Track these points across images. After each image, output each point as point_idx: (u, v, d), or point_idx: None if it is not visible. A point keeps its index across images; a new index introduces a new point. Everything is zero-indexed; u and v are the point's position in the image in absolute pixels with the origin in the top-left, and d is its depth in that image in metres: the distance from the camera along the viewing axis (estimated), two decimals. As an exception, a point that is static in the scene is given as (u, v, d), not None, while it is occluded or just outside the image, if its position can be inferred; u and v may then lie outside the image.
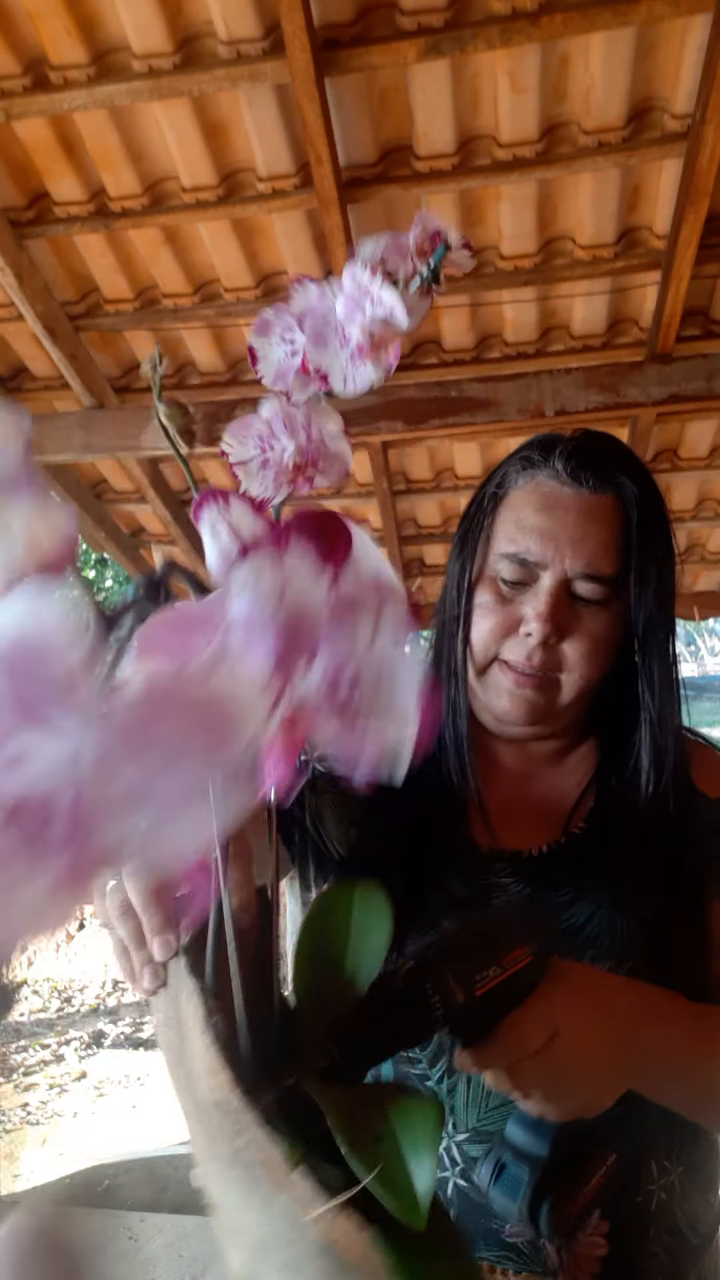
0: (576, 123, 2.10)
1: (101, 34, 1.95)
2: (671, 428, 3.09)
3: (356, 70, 1.95)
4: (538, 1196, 0.64)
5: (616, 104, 2.03)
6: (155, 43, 1.92)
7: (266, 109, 2.06)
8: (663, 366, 2.50)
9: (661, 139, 2.07)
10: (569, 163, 2.13)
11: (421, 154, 2.16)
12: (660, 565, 0.81)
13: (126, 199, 2.28)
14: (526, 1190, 0.64)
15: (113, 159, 2.20)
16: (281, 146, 2.15)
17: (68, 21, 1.90)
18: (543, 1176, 0.64)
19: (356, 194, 2.22)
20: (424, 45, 1.88)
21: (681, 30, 1.90)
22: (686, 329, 2.55)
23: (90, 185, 2.30)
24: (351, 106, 2.07)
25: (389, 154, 2.19)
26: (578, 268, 2.41)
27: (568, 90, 2.04)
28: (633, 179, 2.23)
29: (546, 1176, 0.64)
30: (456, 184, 2.19)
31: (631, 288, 2.51)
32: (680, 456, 3.22)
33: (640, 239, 2.36)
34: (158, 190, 2.29)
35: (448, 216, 2.32)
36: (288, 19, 1.79)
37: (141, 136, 2.18)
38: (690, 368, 2.49)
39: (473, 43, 1.87)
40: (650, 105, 2.06)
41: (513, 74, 1.97)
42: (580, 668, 0.81)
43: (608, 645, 0.82)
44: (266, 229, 2.40)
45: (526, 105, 2.04)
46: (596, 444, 0.84)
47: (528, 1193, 0.64)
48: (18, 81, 2.01)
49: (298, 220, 2.34)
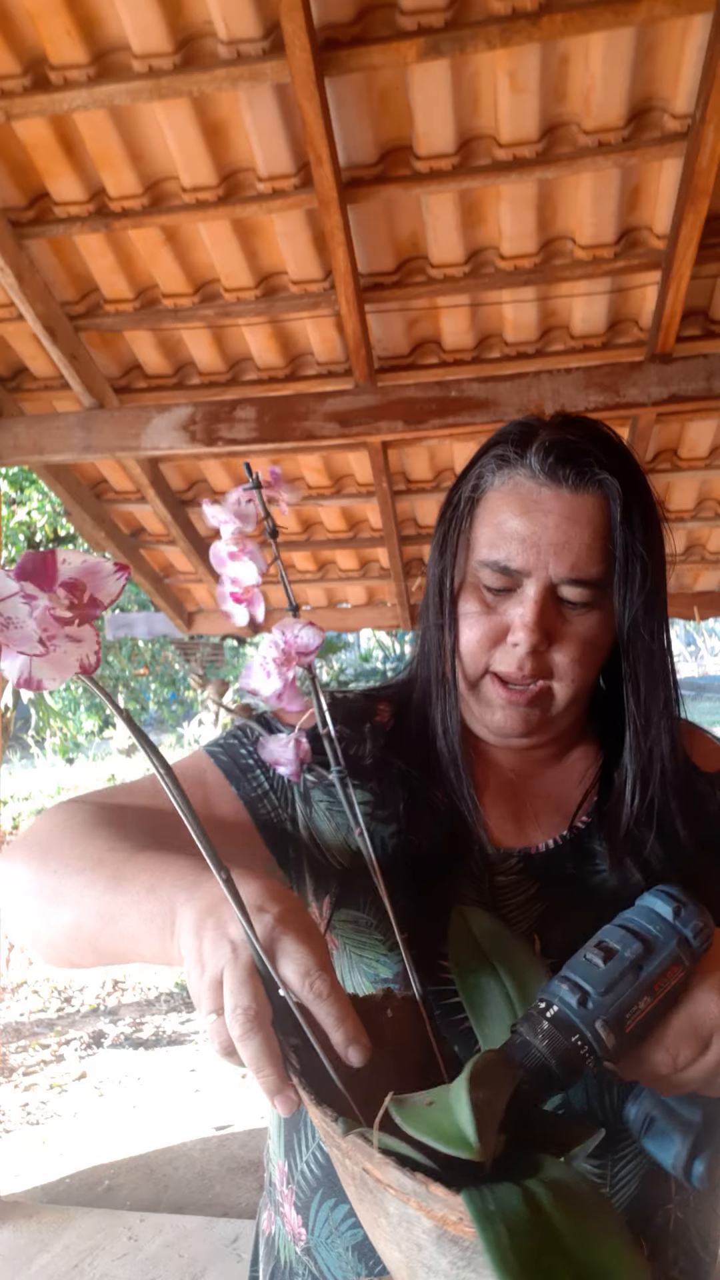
0: (576, 123, 2.10)
1: (101, 34, 1.95)
2: (671, 428, 3.09)
3: (356, 70, 1.95)
4: (691, 1155, 0.64)
5: (616, 104, 2.03)
6: (155, 43, 1.92)
7: (266, 109, 2.06)
8: (663, 366, 2.50)
9: (661, 139, 2.07)
10: (569, 163, 2.13)
11: (421, 154, 2.16)
12: (645, 562, 0.77)
13: (126, 199, 2.28)
14: (680, 1150, 0.64)
15: (113, 159, 2.20)
16: (281, 146, 2.15)
17: (68, 21, 1.90)
18: (697, 1138, 0.64)
19: (356, 194, 2.22)
20: (424, 45, 1.88)
21: (681, 30, 1.90)
22: (686, 329, 2.55)
23: (90, 185, 2.30)
24: (351, 106, 2.07)
25: (389, 154, 2.19)
26: (578, 268, 2.41)
27: (568, 90, 2.04)
28: (633, 179, 2.23)
29: (700, 1137, 0.65)
30: (456, 184, 2.19)
31: (631, 288, 2.51)
32: (680, 456, 3.22)
33: (640, 239, 2.36)
34: (158, 190, 2.29)
35: (448, 216, 2.32)
36: (288, 19, 1.79)
37: (141, 136, 2.18)
38: (690, 368, 2.49)
39: (473, 43, 1.87)
40: (650, 105, 2.06)
41: (513, 74, 1.97)
42: (572, 673, 0.79)
43: (599, 647, 0.80)
44: (266, 229, 2.40)
45: (526, 105, 2.04)
46: (576, 435, 0.79)
47: (681, 1152, 0.64)
48: (18, 81, 2.01)
49: (298, 220, 2.34)
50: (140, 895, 0.65)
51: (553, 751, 0.88)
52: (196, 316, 2.61)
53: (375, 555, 3.93)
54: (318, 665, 0.66)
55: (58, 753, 11.26)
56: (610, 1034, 0.57)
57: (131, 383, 2.91)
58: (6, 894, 0.76)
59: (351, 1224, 0.75)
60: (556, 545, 0.76)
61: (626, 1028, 0.58)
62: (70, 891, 0.70)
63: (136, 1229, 2.72)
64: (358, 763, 0.86)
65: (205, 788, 0.84)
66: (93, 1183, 3.17)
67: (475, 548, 0.81)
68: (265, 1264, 0.87)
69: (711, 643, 16.89)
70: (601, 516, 0.77)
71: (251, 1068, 0.55)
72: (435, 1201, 0.46)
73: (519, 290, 2.52)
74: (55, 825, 0.77)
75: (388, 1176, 0.48)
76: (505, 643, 0.79)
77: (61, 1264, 2.54)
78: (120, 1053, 4.38)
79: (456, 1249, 0.46)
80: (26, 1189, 3.14)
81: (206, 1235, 2.69)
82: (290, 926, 0.58)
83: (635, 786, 0.81)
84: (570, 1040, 0.57)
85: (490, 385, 2.58)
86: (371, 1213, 0.50)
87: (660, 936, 0.60)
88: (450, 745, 0.84)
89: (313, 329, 2.68)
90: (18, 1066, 4.20)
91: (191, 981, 0.58)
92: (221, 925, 0.58)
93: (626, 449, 0.82)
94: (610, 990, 0.58)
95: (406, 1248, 0.48)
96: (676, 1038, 0.60)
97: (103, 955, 0.70)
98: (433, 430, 2.63)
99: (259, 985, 0.55)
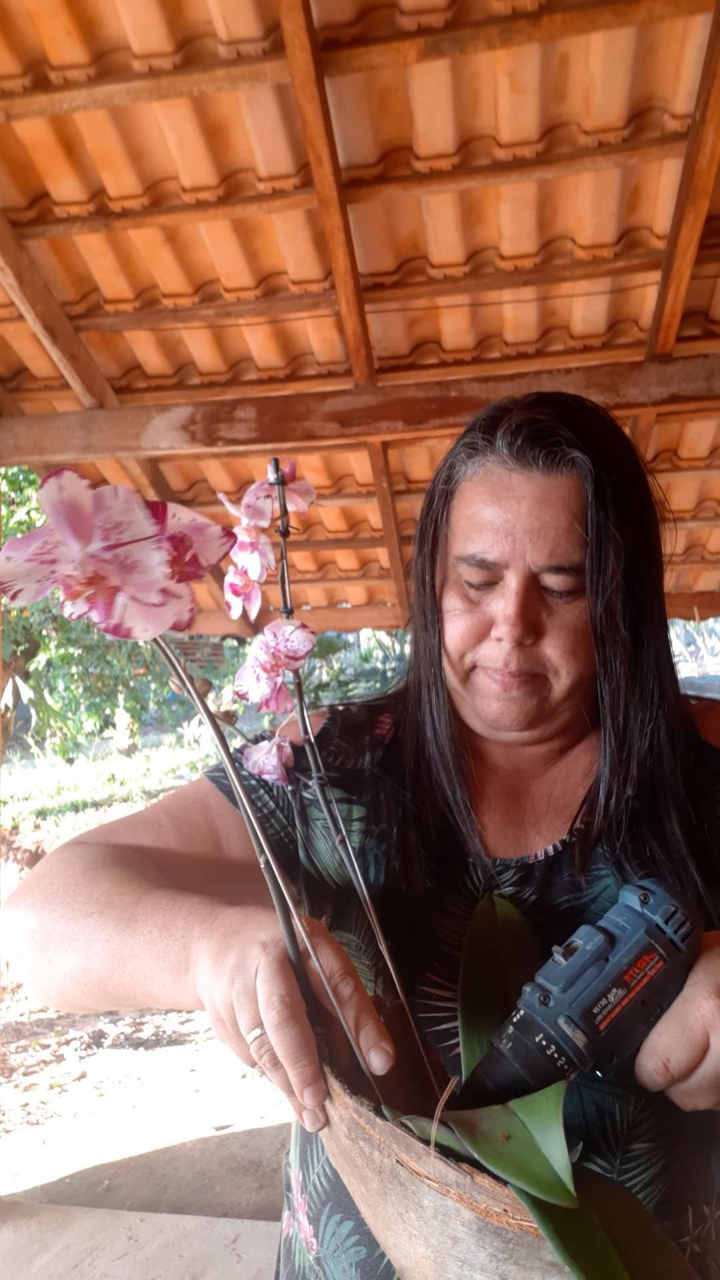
0: (576, 123, 2.10)
1: (101, 34, 1.95)
2: (671, 428, 3.09)
3: (356, 70, 1.95)
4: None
5: (616, 104, 2.03)
6: (155, 43, 1.92)
7: (266, 109, 2.06)
8: (663, 366, 2.50)
9: (661, 139, 2.07)
10: (569, 163, 2.13)
11: (421, 154, 2.16)
12: (621, 544, 0.72)
13: (126, 199, 2.28)
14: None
15: (113, 159, 2.20)
16: (281, 146, 2.14)
17: (68, 21, 1.90)
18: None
19: (356, 194, 2.22)
20: (424, 45, 1.88)
21: (681, 30, 1.90)
22: (686, 329, 2.55)
23: (90, 185, 2.30)
24: (351, 106, 2.07)
25: (389, 154, 2.19)
26: (578, 268, 2.40)
27: (568, 90, 2.04)
28: (633, 179, 2.23)
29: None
30: (456, 184, 2.19)
31: (631, 288, 2.51)
32: (680, 456, 3.22)
33: (640, 239, 2.36)
34: (158, 190, 2.29)
35: (448, 216, 2.32)
36: (288, 19, 1.79)
37: (141, 136, 2.18)
38: (690, 368, 2.49)
39: (473, 43, 1.87)
40: (650, 105, 2.06)
41: (513, 74, 1.97)
42: (566, 665, 0.74)
43: (591, 635, 0.75)
44: (266, 229, 2.40)
45: (526, 105, 2.04)
46: (547, 413, 0.73)
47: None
48: (18, 81, 2.01)
49: (298, 220, 2.34)
50: (153, 934, 0.64)
51: (554, 747, 0.84)
52: (196, 316, 2.61)
53: (375, 555, 3.93)
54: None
55: (58, 753, 11.26)
56: (578, 1032, 0.54)
57: (131, 383, 2.91)
58: (12, 943, 0.75)
59: (355, 1241, 0.74)
60: (532, 532, 0.72)
61: (599, 1024, 0.54)
62: (78, 936, 0.69)
63: (136, 1229, 2.72)
64: (355, 778, 0.84)
65: (209, 812, 0.83)
66: (93, 1183, 3.17)
67: (453, 543, 0.77)
68: (284, 1264, 0.86)
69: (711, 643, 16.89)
70: (577, 497, 0.72)
71: (287, 1058, 0.54)
72: (480, 1193, 0.46)
73: (519, 290, 2.52)
74: (59, 869, 0.76)
75: (427, 1167, 0.47)
76: (490, 638, 0.75)
77: (61, 1264, 2.54)
78: (120, 1053, 4.38)
79: (498, 1241, 0.46)
80: (26, 1189, 3.14)
81: (206, 1235, 2.69)
82: (320, 934, 0.58)
83: (611, 789, 0.77)
84: (535, 1040, 0.54)
85: (490, 385, 2.58)
86: (398, 1208, 0.50)
87: (626, 927, 0.57)
88: (443, 750, 0.81)
89: (313, 329, 2.68)
90: (18, 1066, 4.20)
91: (221, 1002, 0.57)
92: (248, 939, 0.58)
93: (610, 425, 0.77)
94: (571, 985, 0.55)
95: (439, 1241, 0.47)
96: (666, 1039, 0.56)
97: (113, 999, 0.69)
98: (433, 430, 2.63)
99: (294, 977, 0.55)
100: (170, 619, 0.46)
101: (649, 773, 0.78)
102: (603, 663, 0.75)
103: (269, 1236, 2.59)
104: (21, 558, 0.43)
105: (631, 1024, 0.55)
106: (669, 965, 0.56)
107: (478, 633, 0.76)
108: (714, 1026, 0.56)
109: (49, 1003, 0.75)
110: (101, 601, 0.44)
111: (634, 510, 0.74)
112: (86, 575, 0.43)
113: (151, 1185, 3.14)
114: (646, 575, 0.76)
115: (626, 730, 0.77)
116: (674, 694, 0.79)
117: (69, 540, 0.43)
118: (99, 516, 0.43)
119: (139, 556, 0.44)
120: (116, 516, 0.43)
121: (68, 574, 0.43)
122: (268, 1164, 3.23)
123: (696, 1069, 0.56)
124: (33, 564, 0.43)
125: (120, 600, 0.44)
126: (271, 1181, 3.11)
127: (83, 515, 0.43)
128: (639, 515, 0.75)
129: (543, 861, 0.79)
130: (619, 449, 0.75)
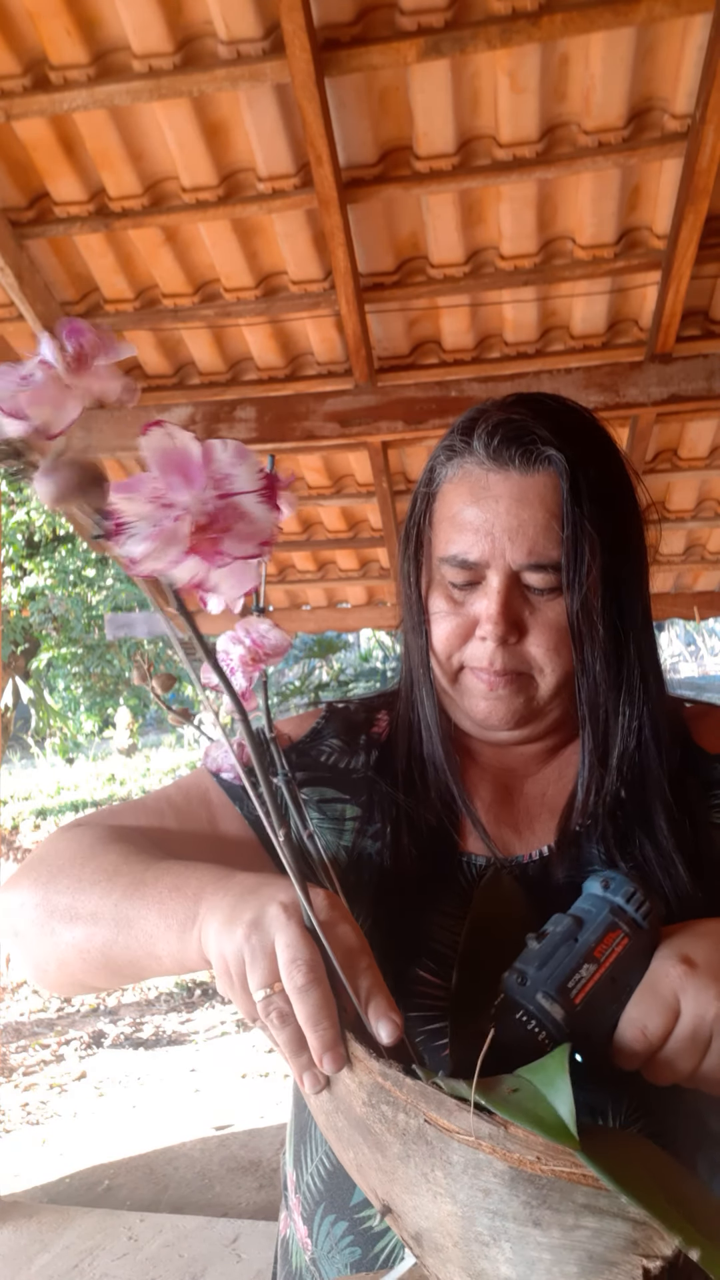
0: (576, 123, 2.10)
1: (101, 34, 1.95)
2: (671, 428, 3.09)
3: (356, 70, 1.95)
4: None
5: (616, 104, 2.03)
6: (155, 43, 1.92)
7: (266, 109, 2.06)
8: (663, 366, 2.50)
9: (661, 139, 2.07)
10: (569, 163, 2.13)
11: (421, 154, 2.16)
12: (596, 541, 0.72)
13: (126, 199, 2.28)
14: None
15: (113, 159, 2.20)
16: (281, 146, 2.15)
17: (68, 21, 1.90)
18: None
19: (356, 194, 2.22)
20: (424, 45, 1.88)
21: (681, 30, 1.90)
22: (686, 329, 2.55)
23: (90, 185, 2.30)
24: (351, 106, 2.07)
25: (389, 154, 2.19)
26: (578, 268, 2.41)
27: (568, 90, 2.04)
28: (633, 179, 2.23)
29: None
30: (456, 184, 2.19)
31: (631, 288, 2.51)
32: (680, 456, 3.22)
33: (640, 239, 2.36)
34: (158, 190, 2.29)
35: (448, 216, 2.32)
36: (288, 19, 1.79)
37: (141, 136, 2.18)
38: (690, 368, 2.49)
39: (473, 43, 1.87)
40: (650, 105, 2.06)
41: (513, 74, 1.97)
42: (550, 663, 0.75)
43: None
44: (266, 229, 2.40)
45: (526, 105, 2.04)
46: (523, 413, 0.74)
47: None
48: (18, 81, 2.01)
49: (298, 220, 2.34)
50: (163, 895, 0.65)
51: (545, 747, 0.84)
52: (196, 316, 2.61)
53: (375, 555, 3.94)
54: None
55: (58, 753, 11.27)
56: (555, 1005, 0.57)
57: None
58: (11, 922, 0.74)
59: (349, 1242, 0.73)
60: (510, 531, 0.72)
61: (574, 998, 0.57)
62: (84, 905, 0.69)
63: (136, 1229, 2.72)
64: (348, 777, 0.84)
65: (210, 807, 0.83)
66: (93, 1183, 3.17)
67: (435, 545, 0.78)
68: (282, 1266, 0.86)
69: (711, 643, 16.89)
70: (555, 495, 0.72)
71: (308, 1021, 0.54)
72: (514, 1143, 0.48)
73: (519, 290, 2.52)
74: (63, 848, 0.76)
75: (459, 1123, 0.49)
76: (475, 637, 0.76)
77: (61, 1264, 2.54)
78: (120, 1053, 4.38)
79: (532, 1188, 0.47)
80: (26, 1189, 3.14)
81: (206, 1235, 2.69)
82: (337, 907, 0.59)
83: (590, 786, 0.77)
84: (516, 1018, 0.57)
85: (490, 385, 2.58)
86: (422, 1168, 0.51)
87: (591, 910, 0.62)
88: (434, 751, 0.81)
89: (313, 329, 2.68)
90: (18, 1066, 4.20)
91: (232, 955, 0.57)
92: (267, 898, 0.58)
93: (590, 424, 0.77)
94: (545, 964, 0.59)
95: (468, 1196, 0.49)
96: (641, 1008, 0.59)
97: (115, 965, 0.69)
98: (433, 430, 2.63)
99: (313, 941, 0.56)
100: (252, 580, 0.46)
101: (637, 771, 0.78)
102: (580, 659, 0.75)
103: (269, 1236, 2.59)
104: (142, 498, 0.42)
105: (604, 1000, 0.59)
106: (633, 942, 0.60)
107: (463, 633, 0.76)
108: (683, 989, 0.59)
109: (45, 981, 0.75)
110: (207, 550, 0.44)
111: (613, 508, 0.75)
112: (200, 521, 0.43)
113: (151, 1185, 3.14)
114: (627, 573, 0.76)
115: (607, 727, 0.77)
116: (659, 692, 0.79)
117: (177, 488, 0.43)
118: (210, 467, 0.43)
119: (248, 508, 0.44)
120: (226, 468, 0.44)
121: (182, 514, 0.43)
122: (268, 1164, 3.23)
123: (671, 1033, 0.59)
124: (153, 505, 0.42)
125: (193, 561, 0.44)
126: (271, 1181, 3.12)
127: (191, 465, 0.43)
128: (619, 513, 0.75)
129: (536, 862, 0.79)
130: (598, 448, 0.76)
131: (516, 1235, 0.47)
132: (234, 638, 0.64)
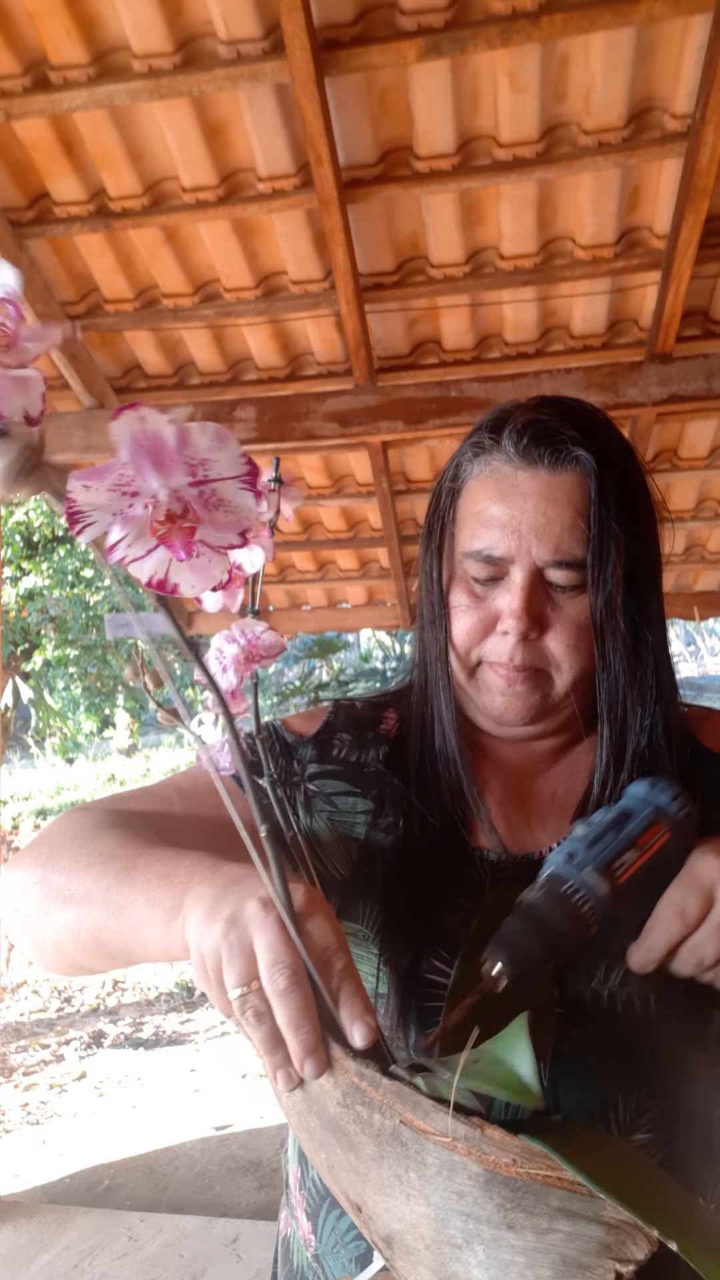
0: (576, 123, 2.10)
1: (101, 34, 1.95)
2: (671, 428, 3.09)
3: (356, 70, 1.95)
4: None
5: (616, 104, 2.03)
6: (155, 43, 1.92)
7: (266, 109, 2.06)
8: (663, 366, 2.50)
9: (661, 139, 2.07)
10: (569, 163, 2.13)
11: (421, 154, 2.16)
12: (622, 541, 0.74)
13: (126, 199, 2.29)
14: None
15: (113, 159, 2.20)
16: (281, 146, 2.15)
17: (68, 21, 1.90)
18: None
19: (356, 194, 2.22)
20: (424, 45, 1.88)
21: (681, 30, 1.90)
22: (686, 329, 2.55)
23: (90, 185, 2.30)
24: (351, 106, 2.08)
25: (389, 154, 2.19)
26: (578, 268, 2.41)
27: (568, 90, 2.04)
28: (633, 179, 2.23)
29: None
30: (456, 184, 2.19)
31: (631, 288, 2.51)
32: (680, 456, 3.23)
33: (640, 239, 2.37)
34: (158, 190, 2.29)
35: (448, 216, 2.32)
36: (288, 19, 1.79)
37: (141, 136, 2.18)
38: (690, 368, 2.49)
39: (473, 43, 1.87)
40: (650, 105, 2.06)
41: (513, 74, 1.97)
42: (569, 659, 0.76)
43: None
44: (266, 229, 2.40)
45: (526, 105, 2.04)
46: (551, 414, 0.76)
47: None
48: (18, 81, 2.01)
49: (298, 220, 2.34)
50: (151, 883, 0.65)
51: (558, 744, 0.85)
52: (196, 316, 2.61)
53: (375, 555, 3.94)
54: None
55: (58, 753, 11.27)
56: (602, 881, 0.60)
57: (131, 383, 2.91)
58: (11, 900, 0.75)
59: (354, 1235, 0.74)
60: (537, 528, 0.74)
61: (619, 877, 0.61)
62: (78, 887, 0.69)
63: (136, 1229, 2.72)
64: (360, 771, 0.84)
65: (218, 796, 0.84)
66: (93, 1183, 3.17)
67: (459, 540, 0.79)
68: (282, 1265, 0.86)
69: (711, 643, 16.90)
70: (581, 495, 0.74)
71: (289, 1024, 0.54)
72: (489, 1145, 0.48)
73: (519, 290, 2.52)
74: (64, 830, 0.76)
75: (435, 1124, 0.49)
76: (496, 632, 0.77)
77: (61, 1264, 2.54)
78: (120, 1053, 4.38)
79: (506, 1190, 0.47)
80: (26, 1189, 3.14)
81: (206, 1235, 2.69)
82: (318, 905, 0.58)
83: (606, 782, 0.78)
84: (563, 890, 0.61)
85: (490, 385, 2.58)
86: (396, 1170, 0.50)
87: (636, 806, 0.66)
88: (448, 745, 0.82)
89: (313, 329, 2.68)
90: (18, 1066, 4.20)
91: (209, 951, 0.57)
92: (248, 892, 0.58)
93: (610, 426, 0.79)
94: (594, 845, 0.63)
95: (441, 1198, 0.48)
96: (680, 891, 0.62)
97: (106, 949, 0.69)
98: (433, 430, 2.63)
99: (294, 943, 0.55)
100: (218, 576, 0.44)
101: (648, 768, 0.79)
102: (601, 656, 0.77)
103: (269, 1236, 2.59)
104: (102, 487, 0.41)
105: (642, 887, 0.63)
106: (673, 838, 0.64)
107: (484, 628, 0.77)
108: (719, 882, 0.63)
109: (43, 961, 0.75)
110: (178, 541, 0.42)
111: (635, 508, 0.76)
112: (168, 511, 0.41)
113: (151, 1185, 3.14)
114: (646, 572, 0.78)
115: (624, 725, 0.78)
116: (672, 691, 0.81)
117: (147, 476, 0.41)
118: (185, 451, 0.41)
119: (227, 495, 0.42)
120: (205, 452, 0.41)
121: (151, 503, 0.41)
122: (268, 1164, 3.23)
123: (704, 919, 0.63)
124: (114, 494, 0.41)
125: (159, 555, 0.42)
126: (271, 1181, 3.12)
127: (164, 450, 0.41)
128: (640, 513, 0.77)
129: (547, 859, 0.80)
130: (620, 449, 0.77)
131: (490, 1238, 0.47)
132: (229, 637, 0.64)
